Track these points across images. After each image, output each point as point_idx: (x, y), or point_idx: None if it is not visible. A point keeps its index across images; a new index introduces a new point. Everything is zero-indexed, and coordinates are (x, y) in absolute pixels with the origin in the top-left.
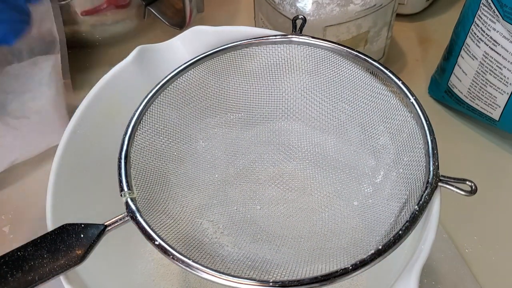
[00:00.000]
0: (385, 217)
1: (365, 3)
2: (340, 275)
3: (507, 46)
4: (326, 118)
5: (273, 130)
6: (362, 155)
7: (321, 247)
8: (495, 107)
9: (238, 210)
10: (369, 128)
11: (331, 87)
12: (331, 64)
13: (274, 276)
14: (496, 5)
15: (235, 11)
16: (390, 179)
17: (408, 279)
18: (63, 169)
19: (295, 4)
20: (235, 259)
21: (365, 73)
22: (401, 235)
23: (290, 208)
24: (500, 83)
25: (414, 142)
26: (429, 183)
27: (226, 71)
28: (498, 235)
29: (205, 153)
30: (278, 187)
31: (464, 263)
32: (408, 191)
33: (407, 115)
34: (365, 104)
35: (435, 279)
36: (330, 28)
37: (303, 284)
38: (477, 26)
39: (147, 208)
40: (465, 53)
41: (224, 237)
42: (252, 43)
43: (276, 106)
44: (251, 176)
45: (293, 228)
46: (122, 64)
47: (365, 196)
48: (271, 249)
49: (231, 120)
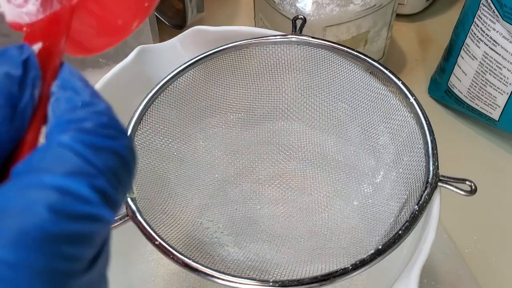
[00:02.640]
0: (385, 217)
1: (365, 3)
2: (340, 275)
3: (506, 46)
4: (326, 118)
5: (273, 130)
6: (362, 155)
7: (321, 247)
8: (495, 107)
9: (238, 210)
10: (369, 128)
11: (331, 87)
12: (331, 64)
13: (274, 276)
14: (496, 5)
15: (235, 11)
16: (390, 179)
17: (408, 279)
18: None
19: (295, 4)
20: (235, 259)
21: (365, 73)
22: (401, 235)
23: (290, 208)
24: (500, 83)
25: (414, 142)
26: (429, 183)
27: (226, 71)
28: (498, 235)
29: (205, 153)
30: (278, 187)
31: (463, 263)
32: (408, 191)
33: (407, 115)
34: (365, 104)
35: (435, 279)
36: (330, 28)
37: (303, 284)
38: (477, 26)
39: (147, 208)
40: (465, 53)
41: (224, 237)
42: (252, 43)
43: (276, 106)
44: (251, 176)
45: (293, 228)
46: (122, 64)
47: (365, 196)
48: (271, 249)
49: (231, 120)
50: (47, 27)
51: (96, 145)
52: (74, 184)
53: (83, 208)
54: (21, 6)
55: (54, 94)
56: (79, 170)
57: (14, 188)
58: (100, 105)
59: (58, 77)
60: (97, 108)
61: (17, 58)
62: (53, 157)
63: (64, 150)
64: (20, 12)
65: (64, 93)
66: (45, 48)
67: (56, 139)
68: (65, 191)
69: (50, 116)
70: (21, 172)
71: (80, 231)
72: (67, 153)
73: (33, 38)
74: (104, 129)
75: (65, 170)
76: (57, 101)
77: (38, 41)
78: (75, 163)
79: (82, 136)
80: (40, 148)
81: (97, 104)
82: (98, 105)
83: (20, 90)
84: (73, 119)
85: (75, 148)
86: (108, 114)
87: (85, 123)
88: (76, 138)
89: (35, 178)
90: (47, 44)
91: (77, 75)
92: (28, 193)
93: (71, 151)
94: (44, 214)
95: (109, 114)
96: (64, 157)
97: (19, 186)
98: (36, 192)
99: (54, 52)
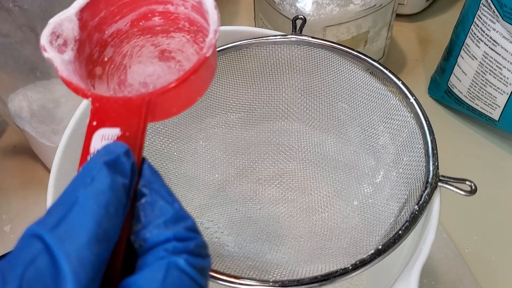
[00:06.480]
0: (385, 217)
1: (365, 3)
2: (340, 275)
3: (506, 46)
4: (326, 118)
5: (273, 130)
6: (362, 155)
7: (321, 247)
8: (495, 107)
9: (238, 210)
10: (369, 128)
11: (331, 87)
12: (331, 64)
13: (274, 276)
14: (496, 5)
15: (235, 11)
16: (390, 179)
17: (408, 279)
18: (63, 169)
19: (295, 4)
20: (235, 258)
21: (365, 73)
22: (401, 235)
23: (290, 208)
24: (500, 83)
25: (414, 142)
26: (429, 183)
27: (226, 71)
28: (498, 235)
29: (205, 153)
30: (278, 187)
31: (463, 263)
32: (408, 191)
33: (407, 115)
34: (365, 104)
35: (435, 279)
36: (330, 28)
37: (303, 284)
38: (477, 26)
39: None
40: (465, 53)
41: (224, 237)
42: (252, 43)
43: (276, 106)
44: (251, 176)
45: (293, 228)
46: None
47: (365, 196)
48: (271, 249)
49: (231, 120)
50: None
51: (201, 267)
52: None
53: None
54: (61, 51)
55: (143, 196)
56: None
57: None
58: (189, 220)
59: (142, 175)
60: (188, 223)
61: (127, 167)
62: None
63: (182, 274)
64: (67, 63)
65: (154, 197)
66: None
67: (171, 260)
68: None
69: (142, 217)
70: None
71: None
72: (184, 276)
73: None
74: (201, 249)
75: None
76: (150, 205)
77: (115, 126)
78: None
79: (192, 259)
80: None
81: (186, 219)
82: (188, 219)
83: (128, 197)
84: (177, 236)
85: (190, 273)
86: (197, 230)
87: (190, 245)
88: (189, 262)
89: None
90: (127, 135)
91: (158, 174)
92: None
93: (187, 274)
94: None
95: (198, 230)
96: (183, 281)
97: None
98: None
99: (136, 145)
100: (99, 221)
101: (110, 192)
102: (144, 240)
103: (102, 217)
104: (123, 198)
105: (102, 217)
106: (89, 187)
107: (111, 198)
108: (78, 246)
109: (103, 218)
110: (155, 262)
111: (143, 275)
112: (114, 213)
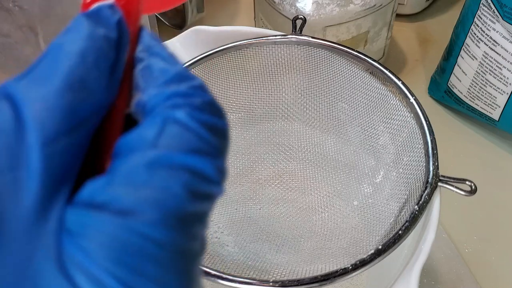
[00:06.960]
0: (385, 217)
1: (365, 3)
2: (340, 275)
3: (506, 46)
4: (326, 118)
5: (273, 130)
6: (362, 155)
7: (321, 247)
8: (495, 107)
9: (238, 210)
10: (369, 128)
11: (331, 87)
12: (331, 64)
13: (274, 276)
14: (496, 5)
15: (235, 11)
16: (390, 179)
17: (408, 279)
18: None
19: (295, 4)
20: (235, 258)
21: (365, 73)
22: (401, 235)
23: (290, 208)
24: (500, 83)
25: (414, 142)
26: (429, 183)
27: (226, 71)
28: (498, 235)
29: None
30: (278, 187)
31: (463, 263)
32: (408, 191)
33: (407, 115)
34: (365, 104)
35: (435, 279)
36: (330, 28)
37: (303, 284)
38: (477, 26)
39: None
40: (465, 53)
41: (224, 237)
42: (252, 43)
43: (276, 106)
44: (251, 176)
45: (293, 228)
46: None
47: (365, 196)
48: (271, 249)
49: (231, 120)
50: None
51: (209, 123)
52: (202, 164)
53: (210, 188)
54: None
55: (141, 60)
56: (201, 149)
57: (142, 164)
58: (195, 79)
59: (140, 41)
60: (195, 82)
61: (111, 19)
62: (173, 135)
63: (183, 128)
64: None
65: (154, 60)
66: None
67: (169, 114)
68: (194, 171)
69: (141, 83)
70: (137, 146)
71: (205, 211)
72: (186, 131)
73: None
74: (211, 107)
75: (189, 149)
76: (148, 69)
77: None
78: (196, 143)
79: (196, 113)
80: (151, 122)
81: (192, 78)
82: (194, 79)
83: (117, 54)
84: (179, 92)
85: (192, 127)
86: (207, 89)
87: (194, 100)
88: (191, 115)
89: (164, 156)
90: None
91: (158, 40)
92: (161, 172)
93: (189, 129)
94: (182, 195)
95: (207, 89)
96: (184, 136)
97: (147, 162)
98: (169, 171)
99: (134, 11)
100: (71, 67)
101: (88, 40)
102: (143, 106)
103: (77, 63)
104: (106, 49)
105: (76, 64)
106: (63, 36)
107: (88, 46)
108: (44, 91)
109: (78, 65)
110: (150, 120)
111: (133, 134)
112: (93, 62)
